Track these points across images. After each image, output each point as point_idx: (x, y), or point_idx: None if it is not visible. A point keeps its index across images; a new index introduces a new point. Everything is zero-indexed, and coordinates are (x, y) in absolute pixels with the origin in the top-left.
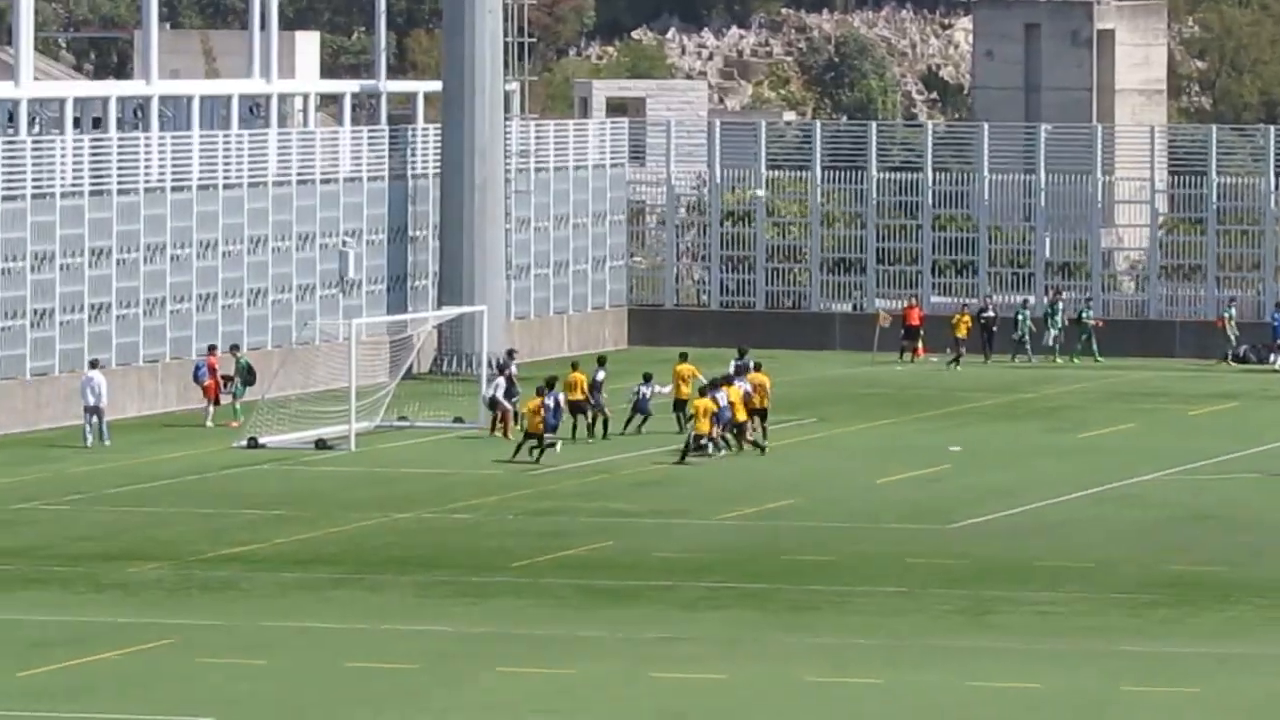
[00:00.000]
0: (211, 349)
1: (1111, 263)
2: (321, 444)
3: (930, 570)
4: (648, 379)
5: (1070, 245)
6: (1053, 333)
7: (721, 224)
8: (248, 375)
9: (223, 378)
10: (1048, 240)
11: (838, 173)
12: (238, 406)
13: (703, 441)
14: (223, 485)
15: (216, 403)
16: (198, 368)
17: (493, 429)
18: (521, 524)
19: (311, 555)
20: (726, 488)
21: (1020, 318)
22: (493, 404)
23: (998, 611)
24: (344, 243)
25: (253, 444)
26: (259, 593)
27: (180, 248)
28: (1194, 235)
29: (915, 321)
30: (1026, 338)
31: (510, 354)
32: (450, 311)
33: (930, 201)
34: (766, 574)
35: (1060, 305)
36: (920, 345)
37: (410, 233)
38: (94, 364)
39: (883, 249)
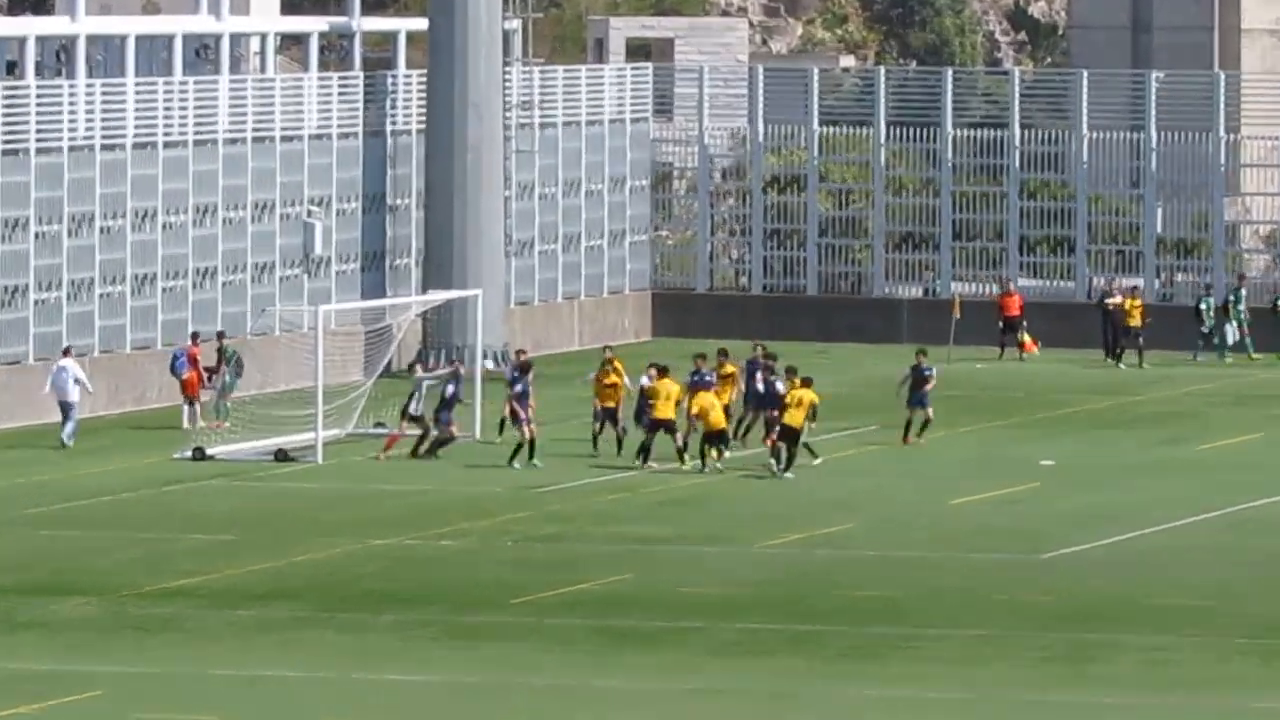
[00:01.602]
0: (194, 337)
1: (1237, 239)
2: (282, 455)
3: (1016, 609)
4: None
5: (1187, 218)
6: (1232, 326)
7: (765, 191)
8: (237, 367)
9: (205, 370)
10: (1160, 212)
11: (906, 130)
12: (226, 405)
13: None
14: (163, 504)
15: (192, 401)
16: (175, 358)
17: (415, 449)
18: (523, 552)
19: (270, 589)
20: (769, 509)
21: (1204, 307)
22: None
23: (1099, 659)
24: (309, 213)
25: (199, 455)
26: (206, 634)
27: (111, 218)
28: None
29: (1016, 311)
30: (1218, 331)
31: (520, 357)
32: (438, 296)
33: (1017, 164)
34: (818, 613)
35: (1243, 293)
36: (1029, 338)
37: (390, 201)
38: (66, 352)
39: (960, 221)
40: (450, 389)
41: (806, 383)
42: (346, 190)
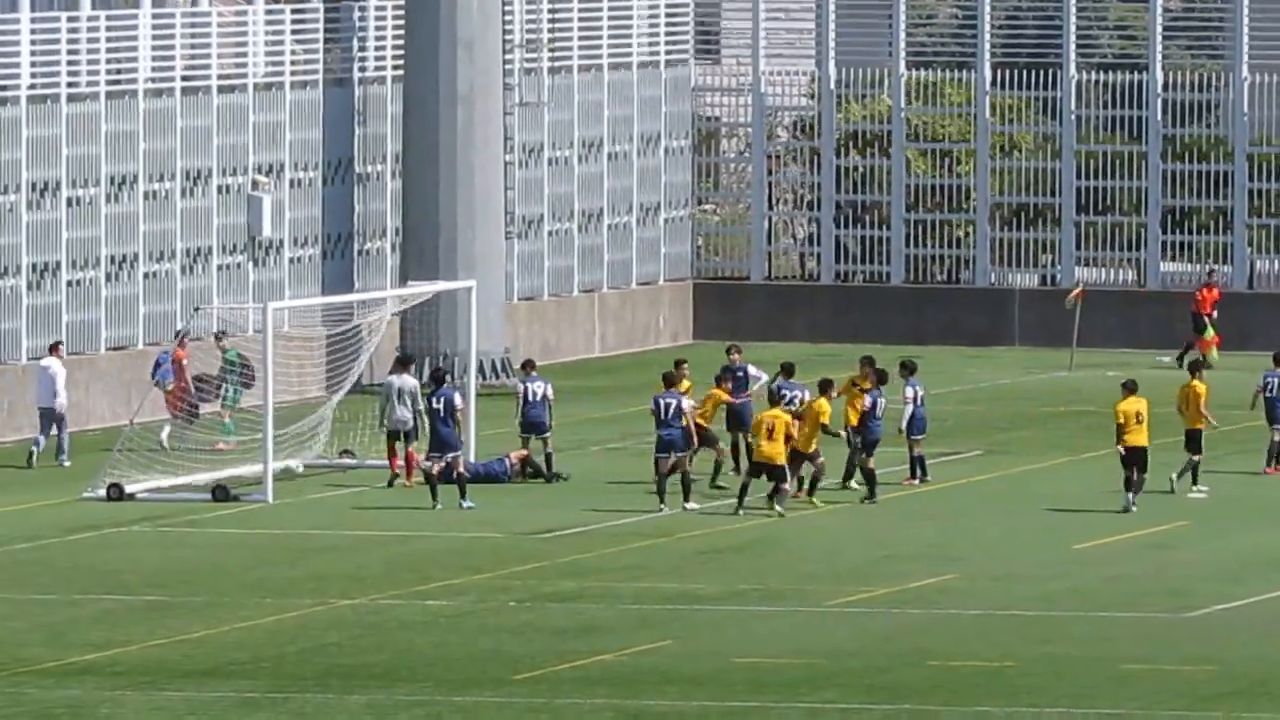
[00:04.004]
0: (180, 337)
1: None
2: (222, 493)
3: (1160, 681)
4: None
5: None
6: None
7: (839, 153)
8: (243, 373)
9: (196, 381)
10: None
11: (1017, 74)
12: (228, 421)
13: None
14: (70, 557)
15: (179, 414)
16: (158, 364)
17: (401, 474)
18: (530, 615)
19: (207, 664)
20: (843, 558)
21: None
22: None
23: None
24: (255, 184)
25: (115, 494)
26: None
27: (1, 193)
28: None
29: (1209, 309)
30: None
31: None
32: (419, 289)
33: (1159, 116)
34: (907, 688)
35: None
36: (1213, 332)
37: (358, 168)
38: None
39: (1087, 190)
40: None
41: (880, 376)
42: (303, 155)
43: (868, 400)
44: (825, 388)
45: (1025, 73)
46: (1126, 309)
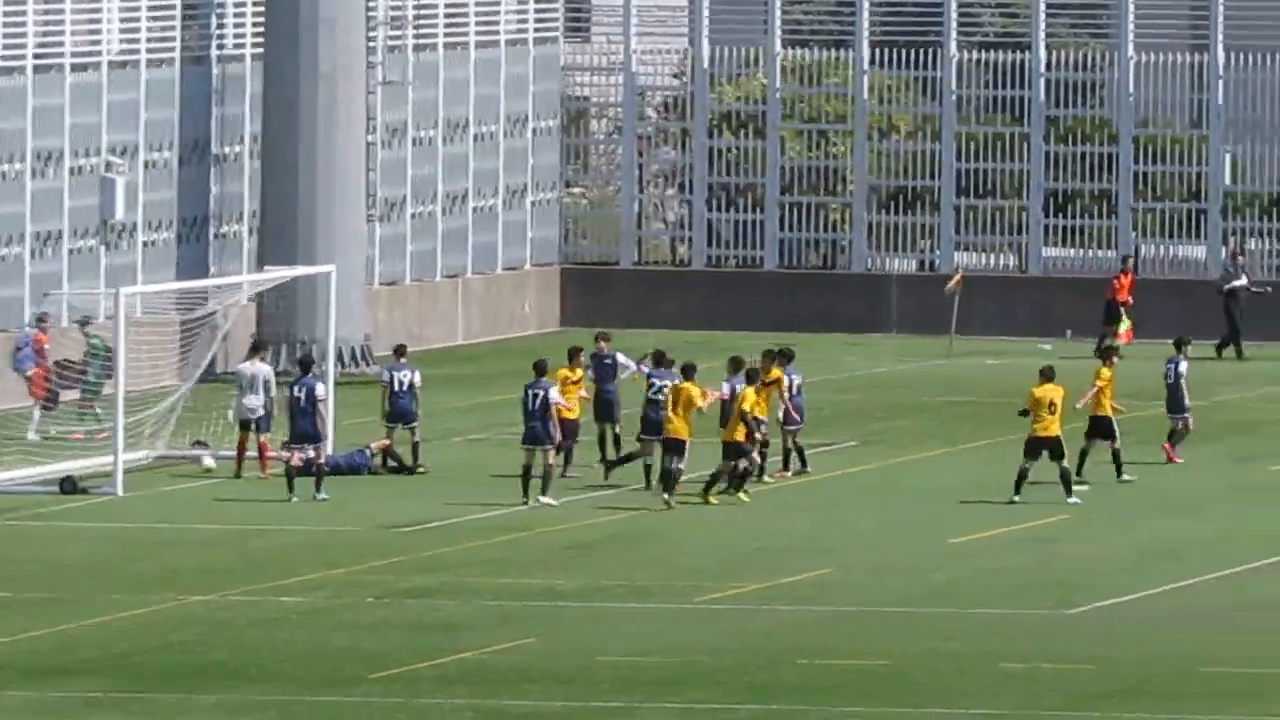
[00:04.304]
0: (41, 320)
1: None
2: (70, 485)
3: (1040, 681)
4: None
5: (1265, 165)
6: None
7: (712, 134)
8: (105, 361)
9: (57, 366)
10: (1228, 159)
11: (897, 53)
12: (97, 412)
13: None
14: None
15: (48, 403)
16: (19, 348)
17: (254, 462)
18: (389, 611)
19: (50, 663)
20: (715, 552)
21: None
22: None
23: None
24: (108, 165)
25: None
26: None
27: None
28: None
29: (1125, 296)
30: None
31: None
32: (277, 274)
33: (1042, 97)
34: (779, 688)
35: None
36: (1127, 325)
37: (215, 149)
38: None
39: (967, 172)
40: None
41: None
42: (158, 135)
43: (785, 380)
44: (751, 378)
45: (905, 52)
46: (1007, 295)
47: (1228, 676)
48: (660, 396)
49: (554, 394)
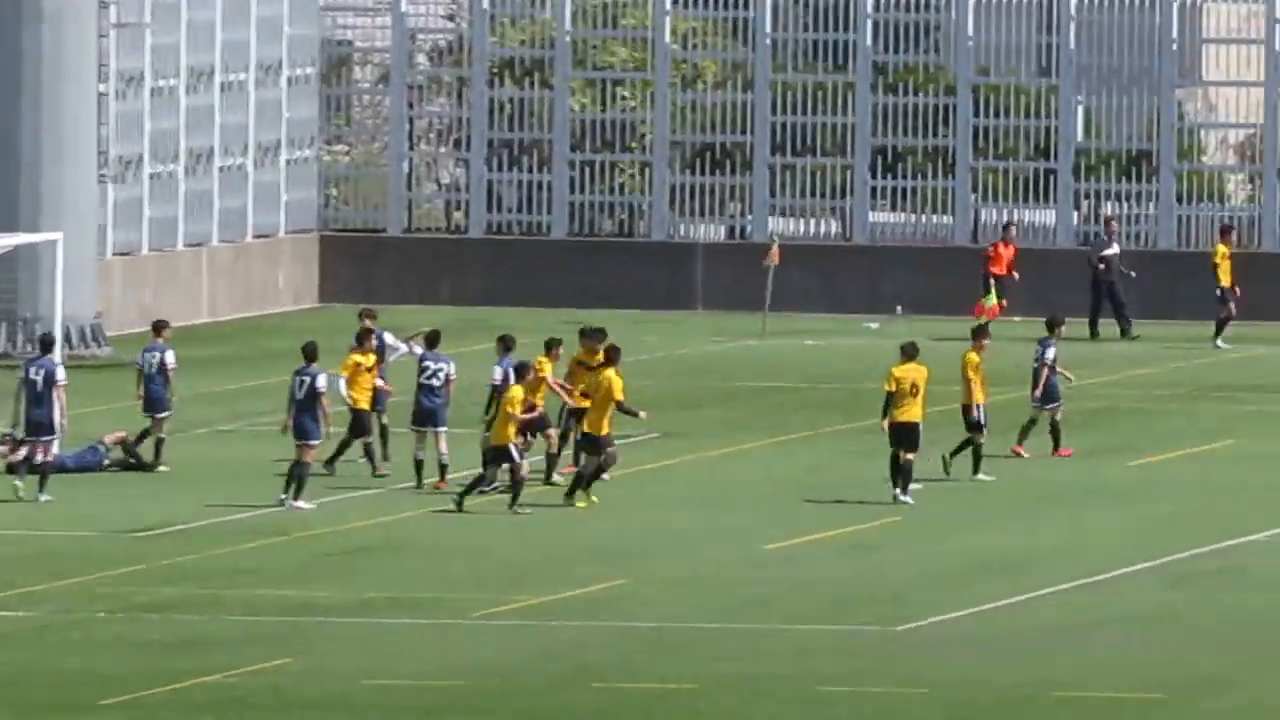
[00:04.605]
0: None
1: (1197, 151)
2: None
3: (863, 704)
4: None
5: (1122, 120)
6: None
7: (493, 84)
8: None
9: None
10: (1080, 111)
11: None
12: None
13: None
14: None
15: None
16: None
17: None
18: (123, 627)
19: None
20: (494, 559)
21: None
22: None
23: None
24: None
25: None
26: None
27: None
28: None
29: (1006, 269)
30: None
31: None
32: None
33: (869, 41)
34: (567, 715)
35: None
36: (995, 300)
37: None
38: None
39: (783, 127)
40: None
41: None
42: None
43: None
44: (521, 373)
45: None
46: (829, 266)
47: (1080, 702)
48: (434, 381)
49: (322, 381)
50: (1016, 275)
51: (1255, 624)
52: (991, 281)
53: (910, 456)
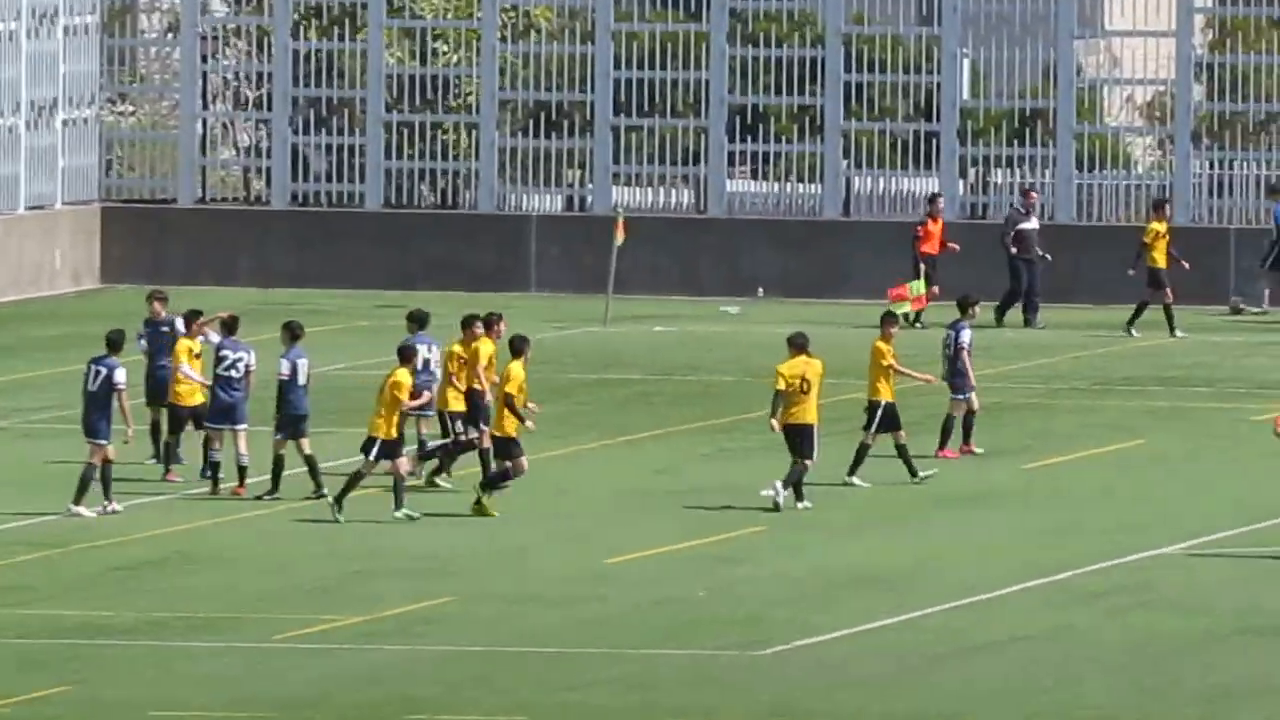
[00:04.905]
0: None
1: (1100, 112)
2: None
3: None
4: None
5: (1014, 75)
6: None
7: (298, 33)
8: None
9: None
10: (965, 65)
11: None
12: None
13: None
14: None
15: None
16: None
17: None
18: None
19: None
20: (303, 574)
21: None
22: None
23: None
24: None
25: None
26: None
27: None
28: None
29: (939, 246)
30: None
31: None
32: None
33: None
34: None
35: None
36: (923, 288)
37: None
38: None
39: (628, 83)
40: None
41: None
42: None
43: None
44: (517, 348)
45: None
46: (681, 242)
47: None
48: (233, 373)
49: (120, 376)
50: (956, 246)
51: (1161, 650)
52: (922, 266)
53: (806, 463)
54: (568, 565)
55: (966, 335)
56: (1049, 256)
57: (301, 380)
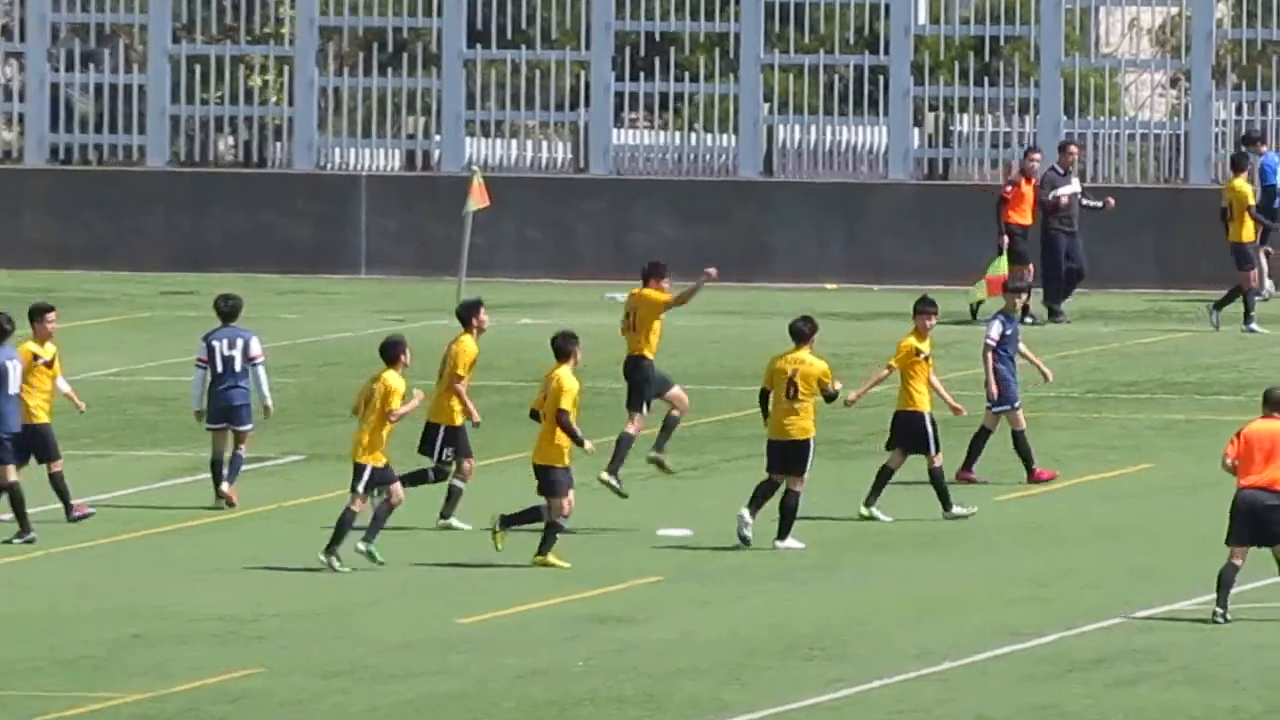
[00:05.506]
0: None
1: (1094, 41)
2: None
3: None
4: None
5: None
6: None
7: None
8: None
9: None
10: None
11: None
12: None
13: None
14: None
15: None
16: None
17: None
18: None
19: None
20: (72, 640)
21: None
22: None
23: None
24: None
25: None
26: None
27: None
28: None
29: (1032, 215)
30: None
31: None
32: None
33: None
34: None
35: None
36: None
37: None
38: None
39: (485, 5)
40: None
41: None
42: None
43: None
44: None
45: None
46: (556, 210)
47: None
48: None
49: None
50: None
51: None
52: (1005, 239)
53: (796, 488)
54: (407, 626)
55: (995, 330)
56: (1111, 200)
57: (12, 389)
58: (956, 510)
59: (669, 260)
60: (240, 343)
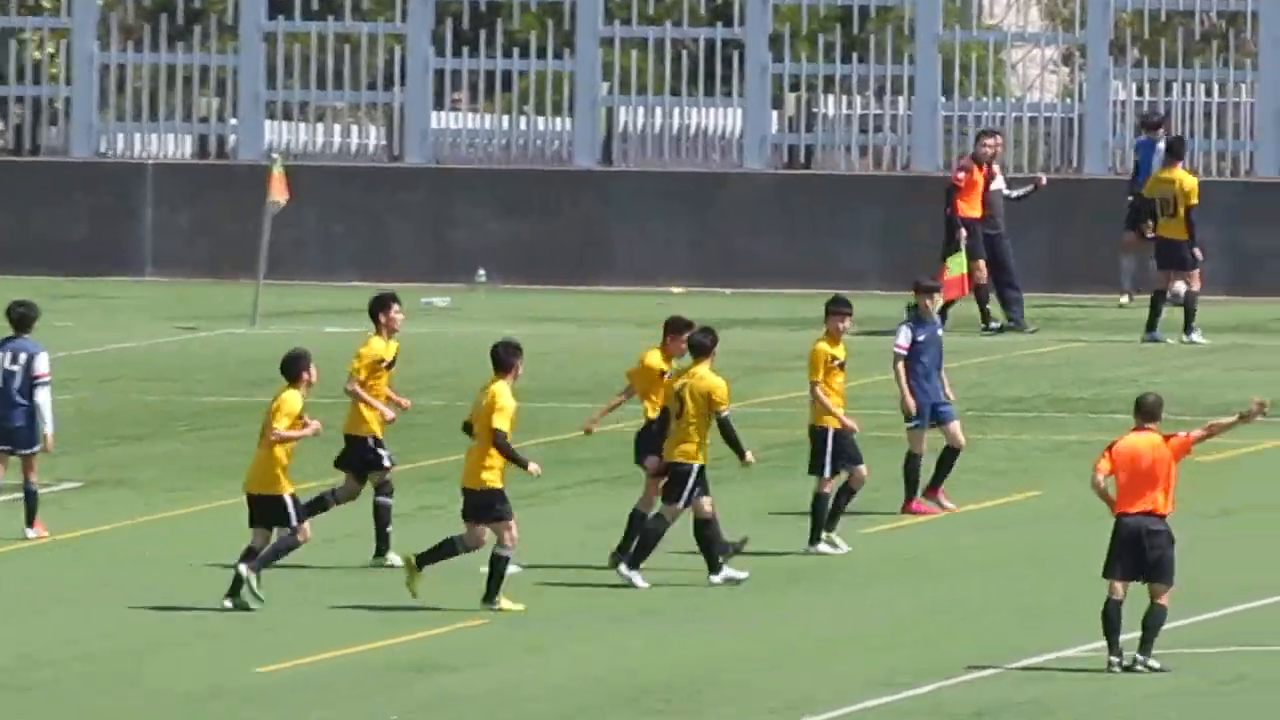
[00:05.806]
0: None
1: (976, 10)
2: None
3: None
4: None
5: None
6: None
7: None
8: None
9: None
10: None
11: None
12: None
13: None
14: None
15: None
16: None
17: None
18: None
19: None
20: None
21: None
22: None
23: None
24: None
25: None
26: None
27: None
28: None
29: (982, 207)
30: None
31: None
32: None
33: None
34: None
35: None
36: (971, 261)
37: None
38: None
39: None
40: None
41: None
42: None
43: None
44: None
45: None
46: (368, 204)
47: None
48: None
49: None
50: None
51: None
52: (960, 232)
53: (668, 517)
54: (195, 676)
55: (904, 336)
56: (1042, 178)
57: None
58: (822, 547)
59: (499, 258)
60: (24, 357)
